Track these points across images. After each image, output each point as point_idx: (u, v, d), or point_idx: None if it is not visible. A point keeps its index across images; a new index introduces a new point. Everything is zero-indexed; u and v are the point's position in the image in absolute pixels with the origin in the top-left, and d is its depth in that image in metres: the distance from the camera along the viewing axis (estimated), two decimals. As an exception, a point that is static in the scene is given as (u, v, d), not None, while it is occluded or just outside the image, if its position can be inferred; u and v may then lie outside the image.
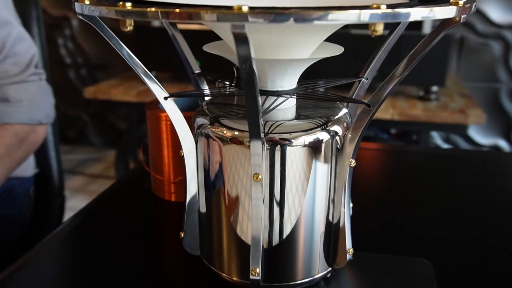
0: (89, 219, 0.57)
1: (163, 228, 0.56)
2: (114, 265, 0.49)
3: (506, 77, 1.94)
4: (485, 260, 0.50)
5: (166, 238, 0.54)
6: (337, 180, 0.42)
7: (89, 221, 0.57)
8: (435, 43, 0.35)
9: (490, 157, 0.83)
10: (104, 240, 0.54)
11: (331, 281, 0.45)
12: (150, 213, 0.60)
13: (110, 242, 0.53)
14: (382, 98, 0.38)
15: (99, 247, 0.53)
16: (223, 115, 0.42)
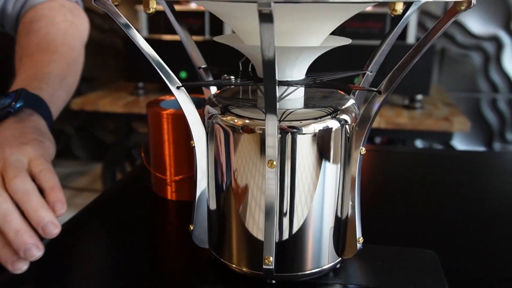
0: (90, 219, 0.57)
1: (166, 226, 0.56)
2: (119, 264, 0.48)
3: (486, 87, 1.99)
4: (487, 250, 0.50)
5: (170, 236, 0.54)
6: (347, 168, 0.42)
7: (91, 221, 0.56)
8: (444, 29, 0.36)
9: (484, 156, 0.84)
10: (107, 240, 0.53)
11: (340, 272, 0.46)
12: (151, 213, 0.59)
13: (112, 241, 0.52)
14: (393, 84, 0.38)
15: (102, 246, 0.52)
16: (233, 105, 0.42)
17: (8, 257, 0.43)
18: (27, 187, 0.45)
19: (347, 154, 0.42)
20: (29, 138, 0.51)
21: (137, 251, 0.50)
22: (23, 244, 0.42)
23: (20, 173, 0.45)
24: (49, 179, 0.46)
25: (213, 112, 0.42)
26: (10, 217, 0.43)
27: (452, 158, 0.81)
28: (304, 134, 0.40)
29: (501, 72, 1.96)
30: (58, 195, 0.45)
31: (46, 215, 0.43)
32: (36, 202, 0.44)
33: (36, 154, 0.49)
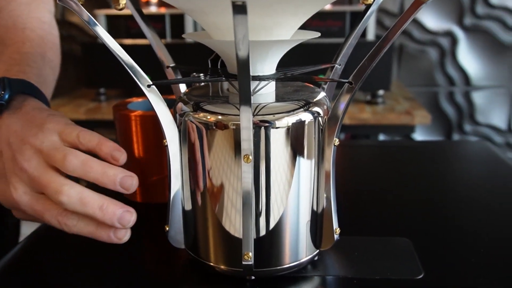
0: (55, 230, 0.55)
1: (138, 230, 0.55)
2: (92, 273, 0.47)
3: (443, 81, 2.05)
4: (457, 234, 0.52)
5: (143, 239, 0.53)
6: (321, 160, 0.42)
7: (56, 232, 0.54)
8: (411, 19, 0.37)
9: (443, 145, 0.87)
10: (76, 249, 0.51)
11: (318, 264, 0.46)
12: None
13: (82, 249, 0.51)
14: (364, 74, 0.39)
15: (71, 256, 0.50)
16: (204, 102, 0.42)
17: (106, 234, 0.42)
18: (80, 159, 0.41)
19: (321, 146, 0.42)
20: (40, 118, 0.46)
21: (109, 258, 0.48)
22: (113, 215, 0.41)
23: (64, 151, 0.42)
24: (91, 137, 0.43)
25: (185, 109, 0.42)
26: (86, 199, 0.41)
27: (413, 149, 0.83)
28: (277, 128, 0.40)
29: (457, 66, 2.02)
30: (109, 145, 0.43)
31: (115, 172, 0.41)
32: (98, 167, 0.41)
33: (60, 126, 0.44)
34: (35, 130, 0.43)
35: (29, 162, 0.42)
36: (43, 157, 0.42)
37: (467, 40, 1.99)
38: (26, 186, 0.42)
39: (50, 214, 0.42)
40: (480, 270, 0.45)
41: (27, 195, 0.42)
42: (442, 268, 0.45)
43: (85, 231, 0.42)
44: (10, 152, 0.44)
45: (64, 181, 0.41)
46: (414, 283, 0.43)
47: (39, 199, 0.42)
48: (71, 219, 0.42)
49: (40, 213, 0.42)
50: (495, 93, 2.06)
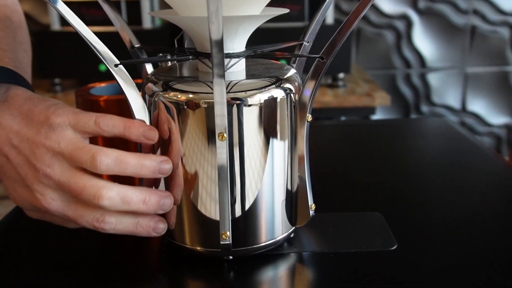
0: (22, 221, 0.53)
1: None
2: (64, 262, 0.45)
3: (400, 64, 2.09)
4: (426, 206, 0.53)
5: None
6: (295, 137, 0.42)
7: (24, 223, 0.52)
8: None
9: (407, 123, 0.89)
10: (47, 239, 0.49)
11: (294, 241, 0.46)
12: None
13: (52, 241, 0.49)
14: (334, 49, 0.39)
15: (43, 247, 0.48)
16: (174, 81, 0.41)
17: (147, 228, 0.41)
18: (112, 157, 0.38)
19: (293, 123, 0.42)
20: (41, 112, 0.40)
21: (81, 248, 0.47)
22: (156, 204, 0.40)
23: (90, 151, 0.38)
24: (114, 122, 0.40)
25: (154, 89, 0.40)
26: (127, 197, 0.39)
27: (376, 128, 0.84)
28: (250, 105, 0.39)
29: (413, 49, 2.07)
30: (138, 126, 0.39)
31: (152, 162, 0.39)
32: (133, 160, 0.39)
33: (70, 117, 0.40)
34: (43, 130, 0.39)
35: (52, 168, 0.39)
36: (65, 159, 0.39)
37: (422, 23, 2.04)
38: (54, 192, 0.40)
39: (85, 220, 0.40)
40: (449, 238, 0.46)
41: (57, 201, 0.40)
42: (414, 239, 0.46)
43: (124, 232, 0.41)
44: (21, 157, 0.40)
45: (99, 183, 0.39)
46: (389, 254, 0.44)
47: (70, 204, 0.40)
48: (109, 223, 0.40)
49: (73, 219, 0.40)
50: (449, 74, 2.12)
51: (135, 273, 0.43)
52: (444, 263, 0.42)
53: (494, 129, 2.16)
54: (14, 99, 0.42)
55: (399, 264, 0.42)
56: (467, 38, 2.06)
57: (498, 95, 2.14)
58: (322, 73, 0.40)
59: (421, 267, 0.42)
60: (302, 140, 0.42)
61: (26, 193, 0.41)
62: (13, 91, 0.43)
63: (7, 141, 0.40)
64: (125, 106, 0.55)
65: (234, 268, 0.42)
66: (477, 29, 2.04)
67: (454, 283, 0.40)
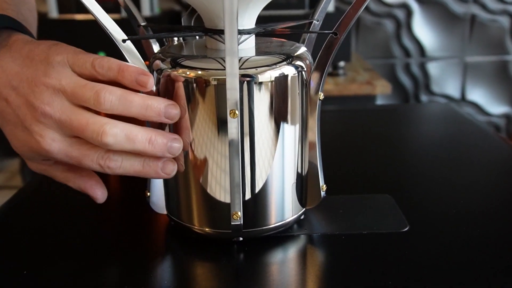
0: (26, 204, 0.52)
1: (111, 201, 0.52)
2: (71, 245, 0.44)
3: (399, 53, 2.08)
4: (435, 190, 0.52)
5: (118, 210, 0.50)
6: (306, 115, 0.41)
7: (28, 205, 0.51)
8: None
9: (413, 107, 0.88)
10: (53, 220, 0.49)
11: (304, 223, 0.45)
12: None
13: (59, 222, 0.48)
14: (348, 24, 0.38)
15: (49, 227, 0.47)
16: (182, 58, 0.40)
17: (155, 168, 0.39)
18: (116, 94, 0.36)
19: (304, 101, 0.41)
20: (41, 51, 0.39)
21: (87, 230, 0.46)
22: (163, 145, 0.37)
23: (93, 88, 0.37)
24: (109, 64, 0.37)
25: (162, 66, 0.39)
26: (132, 134, 0.37)
27: (382, 112, 0.83)
28: (260, 82, 0.38)
29: (412, 38, 2.06)
30: (132, 70, 0.37)
31: (159, 103, 0.37)
32: (139, 99, 0.37)
33: (70, 56, 0.38)
34: (42, 67, 0.38)
35: (51, 106, 0.37)
36: (66, 97, 0.37)
37: (422, 11, 2.03)
38: (54, 132, 0.38)
39: (90, 158, 0.38)
40: (461, 219, 0.46)
41: (58, 142, 0.38)
42: (426, 220, 0.46)
43: (131, 171, 0.39)
44: (20, 97, 0.38)
45: (102, 119, 0.37)
46: (401, 236, 0.43)
47: (73, 144, 0.38)
48: (115, 161, 0.38)
49: (77, 159, 0.38)
50: (448, 64, 2.11)
51: (142, 255, 0.42)
52: (457, 245, 0.42)
53: (493, 119, 2.15)
54: (15, 43, 0.41)
55: (412, 246, 0.42)
56: (467, 27, 2.05)
57: (498, 85, 2.14)
58: (335, 49, 0.39)
59: (434, 248, 0.41)
60: (314, 119, 0.41)
61: (26, 136, 0.39)
62: (15, 36, 0.42)
63: (7, 83, 0.39)
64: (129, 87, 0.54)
65: (245, 250, 0.41)
66: (477, 18, 2.03)
67: (468, 264, 0.39)
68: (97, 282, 0.38)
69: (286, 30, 0.42)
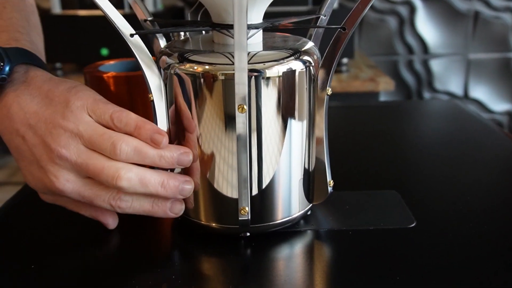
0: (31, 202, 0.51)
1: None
2: (80, 242, 0.44)
3: (402, 50, 2.07)
4: (441, 186, 0.52)
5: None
6: (314, 110, 0.41)
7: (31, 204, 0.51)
8: None
9: (417, 104, 0.88)
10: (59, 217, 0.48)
11: (310, 219, 0.45)
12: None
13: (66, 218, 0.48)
14: (357, 19, 0.38)
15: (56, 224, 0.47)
16: (190, 52, 0.40)
17: (164, 208, 0.41)
18: (131, 146, 0.38)
19: (311, 96, 0.41)
20: (61, 94, 0.40)
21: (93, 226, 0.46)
22: (175, 188, 0.39)
23: (111, 138, 0.38)
24: (127, 120, 0.39)
25: (169, 61, 0.39)
26: (146, 179, 0.39)
27: (383, 109, 0.83)
28: (268, 77, 0.38)
29: (415, 35, 2.05)
30: (148, 128, 0.39)
31: (172, 154, 0.39)
32: (153, 151, 0.39)
33: (89, 102, 0.40)
34: (61, 110, 0.39)
35: (68, 149, 0.38)
36: (83, 142, 0.39)
37: (425, 8, 2.02)
38: (69, 173, 0.39)
39: (102, 199, 0.40)
40: (468, 216, 0.45)
41: (72, 183, 0.39)
42: (432, 216, 0.46)
43: (140, 210, 0.40)
44: (37, 137, 0.39)
45: (118, 164, 0.38)
46: (409, 232, 0.43)
47: (86, 184, 0.39)
48: (126, 201, 0.40)
49: (89, 199, 0.40)
50: (451, 61, 2.11)
51: (149, 250, 0.42)
52: (464, 241, 0.42)
53: (496, 116, 2.15)
54: (34, 80, 0.42)
55: (419, 241, 0.42)
56: (470, 24, 2.04)
57: (501, 82, 2.13)
58: (343, 44, 0.39)
59: (442, 244, 0.41)
60: (321, 114, 0.41)
61: (40, 174, 0.40)
62: (33, 72, 0.43)
63: (24, 121, 0.40)
64: (134, 83, 0.54)
65: (251, 245, 0.41)
66: (480, 15, 2.03)
67: (475, 261, 0.39)
68: (104, 277, 0.38)
69: (294, 25, 0.42)
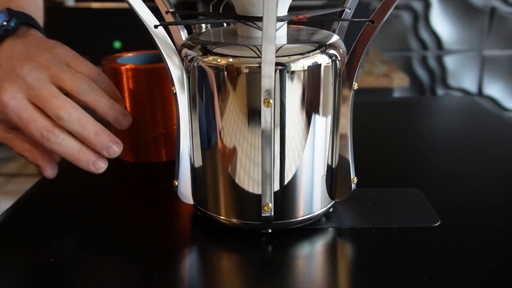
0: (47, 196, 0.51)
1: (134, 191, 0.52)
2: (97, 236, 0.44)
3: (416, 46, 2.05)
4: (464, 185, 0.51)
5: (143, 200, 0.50)
6: (339, 105, 0.40)
7: (49, 197, 0.51)
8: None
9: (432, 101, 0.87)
10: (75, 212, 0.48)
11: (332, 216, 0.44)
12: (115, 179, 0.55)
13: (83, 212, 0.48)
14: (386, 12, 0.37)
15: (73, 218, 0.47)
16: (213, 45, 0.39)
17: (88, 158, 0.42)
18: (75, 114, 0.42)
19: (337, 90, 0.40)
20: (49, 43, 0.47)
21: (112, 219, 0.46)
22: (105, 142, 0.42)
23: (76, 75, 0.43)
24: (93, 97, 0.44)
25: (192, 54, 0.39)
26: (84, 120, 0.42)
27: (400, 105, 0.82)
28: (293, 71, 0.37)
29: (430, 30, 2.03)
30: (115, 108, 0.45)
31: (108, 137, 0.42)
32: (92, 126, 0.42)
33: (70, 55, 0.46)
34: (42, 52, 0.44)
35: (30, 73, 0.42)
36: (48, 73, 0.42)
37: (440, 4, 2.00)
38: (19, 92, 0.42)
39: (36, 125, 0.41)
40: (494, 214, 0.44)
41: (17, 100, 0.41)
42: (456, 215, 0.45)
43: (66, 152, 0.42)
44: (10, 64, 0.43)
45: (67, 99, 0.41)
46: (433, 231, 0.42)
47: (28, 107, 0.41)
48: (56, 136, 0.41)
49: (25, 122, 0.41)
50: (466, 57, 2.08)
51: (169, 245, 0.41)
52: (490, 240, 0.41)
53: (511, 114, 2.12)
54: (31, 36, 0.48)
55: (444, 240, 0.41)
56: (486, 20, 2.02)
57: (516, 79, 2.10)
58: (371, 38, 0.38)
59: (467, 243, 0.40)
60: (347, 109, 0.40)
61: None
62: (33, 32, 0.49)
63: (7, 56, 0.45)
64: (152, 76, 0.54)
65: (273, 242, 0.41)
66: (496, 11, 2.00)
67: (502, 260, 0.38)
68: (125, 272, 0.38)
69: (320, 18, 0.41)
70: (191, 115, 0.40)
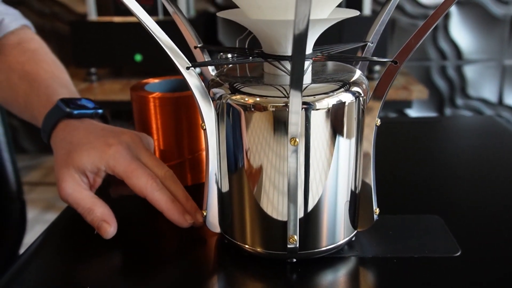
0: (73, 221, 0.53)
1: (161, 218, 0.54)
2: (125, 263, 0.46)
3: (435, 55, 2.05)
4: (485, 212, 0.52)
5: (169, 228, 0.52)
6: (362, 140, 0.42)
7: (75, 223, 0.53)
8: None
9: (453, 121, 0.87)
10: (102, 241, 0.50)
11: (355, 245, 0.46)
12: (141, 206, 0.56)
13: (111, 242, 0.50)
14: (409, 53, 0.38)
15: (102, 247, 0.49)
16: (240, 83, 0.41)
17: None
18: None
19: (360, 126, 0.41)
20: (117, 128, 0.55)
21: (141, 247, 0.48)
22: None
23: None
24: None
25: (221, 92, 0.40)
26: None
27: (418, 125, 0.82)
28: (317, 110, 0.39)
29: (449, 40, 2.02)
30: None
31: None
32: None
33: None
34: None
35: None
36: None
37: (460, 13, 1.99)
38: (124, 150, 0.50)
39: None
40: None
41: (124, 160, 0.50)
42: (477, 244, 0.46)
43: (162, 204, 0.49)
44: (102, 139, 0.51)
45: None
46: (453, 261, 0.43)
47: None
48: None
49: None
50: (486, 67, 2.07)
51: (196, 272, 0.43)
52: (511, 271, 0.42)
53: (531, 123, 2.10)
54: (86, 122, 0.56)
55: (465, 272, 0.42)
56: (506, 29, 2.00)
57: (537, 89, 2.08)
58: (394, 77, 0.39)
59: (488, 274, 0.41)
60: (369, 144, 0.42)
61: (102, 146, 0.50)
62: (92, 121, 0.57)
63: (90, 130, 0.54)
64: (180, 104, 0.56)
65: (298, 271, 0.42)
66: (517, 20, 1.98)
67: (524, 293, 0.39)
68: (156, 299, 0.40)
69: (343, 56, 0.42)
70: (219, 149, 0.42)
